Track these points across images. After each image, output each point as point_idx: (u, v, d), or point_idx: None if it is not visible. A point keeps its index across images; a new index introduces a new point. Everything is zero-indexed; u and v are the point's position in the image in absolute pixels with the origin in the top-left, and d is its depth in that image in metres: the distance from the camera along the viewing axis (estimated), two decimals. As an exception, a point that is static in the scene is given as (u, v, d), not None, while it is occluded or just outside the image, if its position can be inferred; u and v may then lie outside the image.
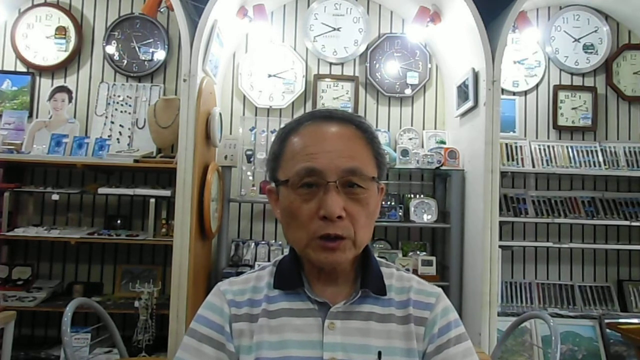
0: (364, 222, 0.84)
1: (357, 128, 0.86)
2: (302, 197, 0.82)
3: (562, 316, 3.00)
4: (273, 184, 0.89)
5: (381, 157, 0.88)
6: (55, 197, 2.94)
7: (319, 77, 3.36)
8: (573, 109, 3.40)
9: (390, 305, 0.87)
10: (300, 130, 0.86)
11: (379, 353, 0.82)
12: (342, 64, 3.40)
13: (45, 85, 3.30)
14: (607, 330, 2.97)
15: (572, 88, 3.42)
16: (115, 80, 3.30)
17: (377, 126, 3.35)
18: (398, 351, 0.84)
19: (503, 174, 3.12)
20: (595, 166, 3.20)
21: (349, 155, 0.82)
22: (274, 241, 3.20)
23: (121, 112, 3.22)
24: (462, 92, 3.02)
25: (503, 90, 3.23)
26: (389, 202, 3.14)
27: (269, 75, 3.31)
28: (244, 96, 3.32)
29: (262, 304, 0.87)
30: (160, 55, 3.29)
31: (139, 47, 3.29)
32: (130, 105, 3.23)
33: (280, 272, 0.90)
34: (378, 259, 0.94)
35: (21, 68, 3.30)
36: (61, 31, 3.28)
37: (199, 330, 0.86)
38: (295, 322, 0.84)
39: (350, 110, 3.29)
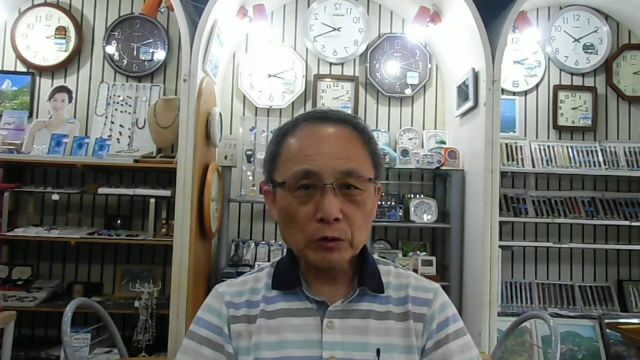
0: (361, 223, 0.84)
1: (354, 129, 0.86)
2: (299, 199, 0.82)
3: (562, 316, 3.00)
4: (270, 185, 0.88)
5: (378, 158, 0.88)
6: (55, 197, 2.94)
7: (319, 77, 3.36)
8: (573, 109, 3.40)
9: (388, 303, 0.88)
10: (297, 131, 0.86)
11: (378, 350, 0.82)
12: (342, 64, 3.40)
13: (45, 85, 3.30)
14: (607, 330, 2.97)
15: (572, 88, 3.42)
16: (115, 80, 3.30)
17: (377, 126, 3.35)
18: (397, 348, 0.84)
19: (503, 174, 3.12)
20: (595, 166, 3.20)
21: (345, 156, 0.83)
22: (274, 241, 3.20)
23: (121, 112, 3.22)
24: (462, 92, 3.02)
25: (503, 90, 3.23)
26: (389, 202, 3.14)
27: (269, 75, 3.31)
28: (244, 96, 3.32)
29: (260, 304, 0.87)
30: (160, 55, 3.29)
31: (139, 47, 3.29)
32: (130, 105, 3.23)
33: (277, 272, 0.90)
34: (375, 257, 0.94)
35: (21, 68, 3.30)
36: (61, 31, 3.28)
37: (198, 332, 0.87)
38: (293, 321, 0.85)
39: (350, 111, 3.29)
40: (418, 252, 3.17)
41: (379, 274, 0.90)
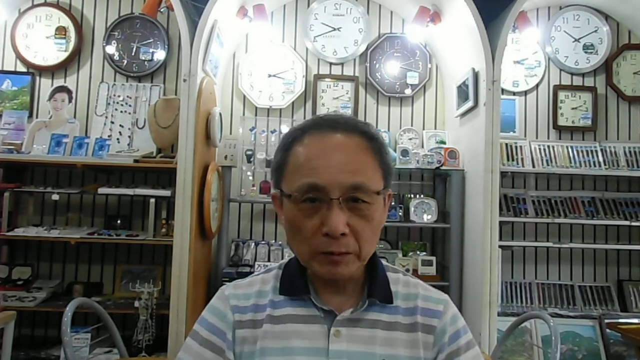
0: (369, 236, 0.83)
1: (364, 137, 0.84)
2: (305, 212, 0.81)
3: (562, 316, 3.00)
4: (278, 190, 0.87)
5: (388, 167, 0.86)
6: (55, 197, 2.94)
7: (319, 77, 3.36)
8: (573, 109, 3.40)
9: (396, 313, 0.87)
10: (305, 140, 0.84)
11: None
12: (342, 64, 3.40)
13: (45, 85, 3.30)
14: (607, 330, 2.97)
15: (572, 88, 3.42)
16: (115, 80, 3.30)
17: (377, 126, 3.34)
18: (402, 359, 0.84)
19: (503, 174, 3.12)
20: (595, 166, 3.20)
21: (353, 169, 0.80)
22: (274, 241, 3.20)
23: (121, 112, 3.22)
24: (462, 92, 3.02)
25: (503, 90, 3.22)
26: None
27: (269, 75, 3.31)
28: (244, 96, 3.32)
29: (267, 309, 0.86)
30: (160, 55, 3.29)
31: (139, 47, 3.29)
32: (130, 105, 3.23)
33: (286, 277, 0.89)
34: (385, 263, 0.93)
35: (21, 68, 3.30)
36: (61, 31, 3.28)
37: (201, 333, 0.87)
38: (300, 328, 0.84)
39: (350, 111, 3.30)
40: (418, 252, 3.17)
41: (389, 283, 0.89)
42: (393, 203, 3.15)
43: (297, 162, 0.83)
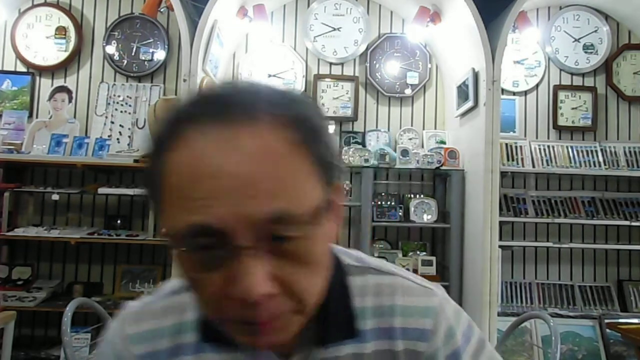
0: (309, 283, 0.51)
1: (282, 125, 0.48)
2: (199, 264, 0.49)
3: (562, 316, 3.00)
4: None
5: (328, 159, 0.51)
6: (55, 197, 2.94)
7: (319, 77, 3.35)
8: (573, 109, 3.40)
9: (364, 341, 0.61)
10: (180, 144, 0.48)
11: None
12: (342, 64, 3.40)
13: (45, 85, 3.30)
14: (607, 330, 2.97)
15: (572, 88, 3.42)
16: (115, 80, 3.30)
17: (377, 126, 3.35)
18: None
19: (503, 174, 3.12)
20: (595, 166, 3.20)
21: (266, 190, 0.46)
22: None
23: (121, 112, 3.22)
24: (462, 92, 3.02)
25: (503, 90, 3.22)
26: (389, 202, 3.14)
27: (269, 75, 3.31)
28: (244, 96, 3.32)
29: (189, 354, 0.61)
30: (160, 55, 3.29)
31: (139, 47, 3.29)
32: (130, 105, 3.23)
33: (206, 317, 0.60)
34: (347, 260, 0.64)
35: (21, 68, 3.30)
36: (61, 31, 3.28)
37: None
38: None
39: (350, 111, 3.29)
40: (418, 252, 3.17)
41: (350, 304, 0.62)
42: (393, 203, 3.15)
43: (174, 184, 0.48)
